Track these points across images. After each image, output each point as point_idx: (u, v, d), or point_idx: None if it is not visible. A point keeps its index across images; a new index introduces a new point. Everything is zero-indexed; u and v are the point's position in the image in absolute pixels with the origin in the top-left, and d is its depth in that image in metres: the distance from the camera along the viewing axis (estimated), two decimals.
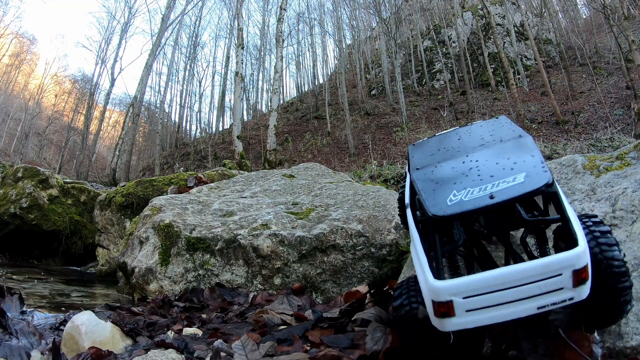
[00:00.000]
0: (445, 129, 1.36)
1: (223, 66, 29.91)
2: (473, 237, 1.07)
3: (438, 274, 0.86)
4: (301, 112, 28.75)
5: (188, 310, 1.81)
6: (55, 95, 42.98)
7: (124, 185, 4.30)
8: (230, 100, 25.77)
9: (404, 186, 1.32)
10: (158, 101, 31.13)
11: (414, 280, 1.04)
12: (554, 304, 0.83)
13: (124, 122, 21.78)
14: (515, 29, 24.83)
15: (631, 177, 1.53)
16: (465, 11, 28.09)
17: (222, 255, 2.14)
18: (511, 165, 0.93)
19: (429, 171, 1.04)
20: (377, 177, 8.85)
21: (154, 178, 4.19)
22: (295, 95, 36.95)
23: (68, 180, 5.24)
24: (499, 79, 21.92)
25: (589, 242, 0.90)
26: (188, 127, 36.70)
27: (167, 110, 34.03)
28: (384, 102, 25.06)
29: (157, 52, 22.66)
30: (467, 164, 1.01)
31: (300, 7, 39.13)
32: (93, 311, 1.48)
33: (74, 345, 1.24)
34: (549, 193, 0.88)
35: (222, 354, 1.20)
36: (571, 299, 0.83)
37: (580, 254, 0.81)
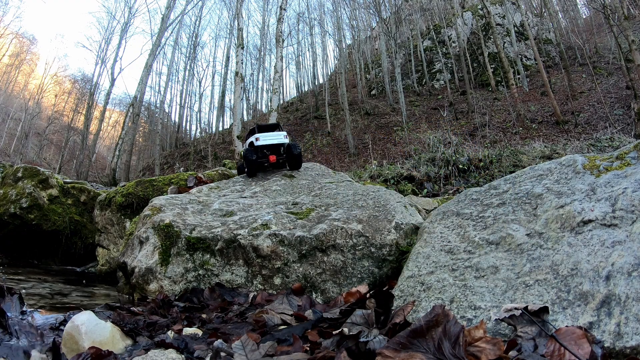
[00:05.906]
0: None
1: (223, 66, 29.91)
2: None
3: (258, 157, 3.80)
4: (301, 112, 28.74)
5: (188, 310, 1.81)
6: (55, 95, 42.95)
7: (124, 185, 4.29)
8: (230, 100, 25.78)
9: (248, 150, 3.90)
10: (158, 101, 31.17)
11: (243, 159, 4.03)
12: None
13: (124, 122, 21.72)
14: (515, 29, 24.83)
15: (631, 177, 1.53)
16: (465, 11, 28.08)
17: (222, 255, 2.14)
18: (279, 136, 3.87)
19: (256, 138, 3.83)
20: (377, 177, 8.82)
21: (154, 178, 4.19)
22: (295, 95, 36.96)
23: (68, 180, 5.24)
24: (499, 79, 21.91)
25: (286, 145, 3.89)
26: (188, 127, 36.74)
27: (167, 110, 34.07)
28: (384, 102, 25.05)
29: (157, 52, 22.62)
30: (267, 136, 3.86)
31: (300, 7, 39.13)
32: (93, 311, 1.48)
33: (74, 345, 1.24)
34: (285, 144, 3.83)
35: (222, 354, 1.19)
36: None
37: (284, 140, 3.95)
